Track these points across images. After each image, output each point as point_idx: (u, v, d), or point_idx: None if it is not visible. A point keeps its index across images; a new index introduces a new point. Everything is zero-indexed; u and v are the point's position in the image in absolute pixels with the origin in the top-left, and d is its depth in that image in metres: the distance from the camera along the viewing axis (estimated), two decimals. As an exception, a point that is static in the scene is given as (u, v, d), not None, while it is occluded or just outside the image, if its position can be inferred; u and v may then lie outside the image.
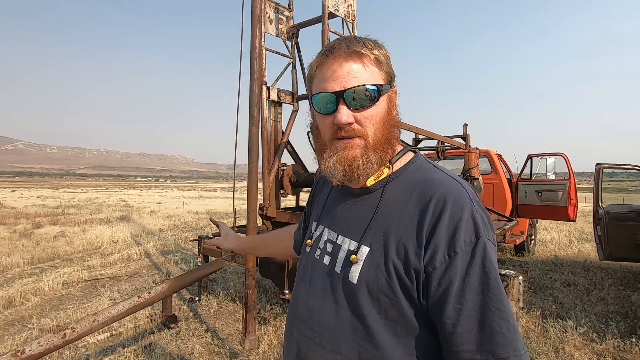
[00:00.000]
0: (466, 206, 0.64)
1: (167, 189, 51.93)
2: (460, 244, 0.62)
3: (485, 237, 0.63)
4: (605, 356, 3.04)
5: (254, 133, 2.78)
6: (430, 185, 0.68)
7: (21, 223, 10.60)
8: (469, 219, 0.63)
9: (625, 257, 4.77)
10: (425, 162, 0.76)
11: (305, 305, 0.78)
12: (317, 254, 0.81)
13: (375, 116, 0.70)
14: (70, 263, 6.24)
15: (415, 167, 0.75)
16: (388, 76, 0.72)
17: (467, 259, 0.62)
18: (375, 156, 0.71)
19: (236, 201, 3.69)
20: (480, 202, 0.68)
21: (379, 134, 0.70)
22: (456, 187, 0.67)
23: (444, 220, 0.63)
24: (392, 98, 0.73)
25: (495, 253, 0.65)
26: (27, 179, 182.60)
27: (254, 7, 2.74)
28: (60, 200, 21.42)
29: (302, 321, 0.77)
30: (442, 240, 0.62)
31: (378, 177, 0.74)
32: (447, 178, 0.70)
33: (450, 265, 0.62)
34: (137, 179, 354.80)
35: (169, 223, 11.22)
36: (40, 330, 3.56)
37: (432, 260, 0.63)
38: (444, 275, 0.62)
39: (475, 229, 0.63)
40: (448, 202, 0.64)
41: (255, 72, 2.76)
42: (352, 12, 3.84)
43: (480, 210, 0.66)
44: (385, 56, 0.71)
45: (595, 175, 5.10)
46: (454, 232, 0.62)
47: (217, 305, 4.18)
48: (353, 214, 0.77)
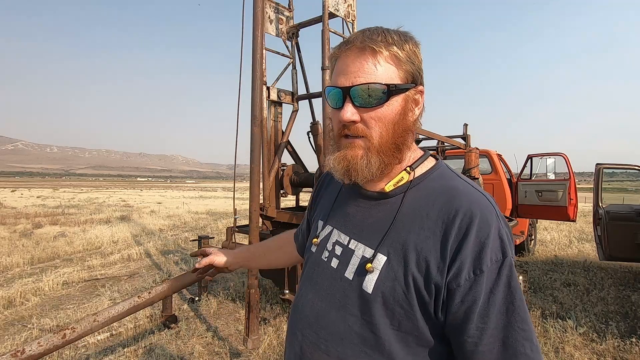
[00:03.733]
0: (493, 223, 0.62)
1: (167, 189, 51.95)
2: (486, 263, 0.60)
3: (511, 256, 0.62)
4: (605, 356, 3.04)
5: (256, 133, 2.77)
6: (455, 196, 0.65)
7: (21, 223, 10.60)
8: (496, 237, 0.61)
9: (625, 257, 4.77)
10: (447, 170, 0.73)
11: (311, 308, 0.75)
12: (324, 255, 0.77)
13: (384, 117, 0.65)
14: (70, 263, 6.24)
15: (438, 175, 0.71)
16: (409, 75, 0.66)
17: (493, 278, 0.60)
18: (378, 160, 0.67)
19: (236, 201, 3.68)
20: (503, 215, 0.66)
21: (385, 137, 0.66)
22: (483, 201, 0.65)
23: (471, 236, 0.61)
24: (411, 99, 0.68)
25: (515, 271, 0.64)
26: (27, 179, 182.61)
27: (255, 7, 2.74)
28: (60, 200, 21.42)
29: (307, 325, 0.74)
30: (468, 257, 0.60)
31: (397, 182, 0.70)
32: (471, 190, 0.67)
33: (476, 283, 0.60)
34: (137, 179, 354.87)
35: (169, 223, 11.22)
36: (40, 330, 3.56)
37: (456, 277, 0.60)
38: (469, 294, 0.60)
39: (502, 247, 0.61)
40: (475, 218, 0.62)
41: (257, 73, 2.76)
42: (352, 12, 3.84)
43: (505, 226, 0.64)
44: (408, 52, 0.65)
45: (595, 175, 5.10)
46: (481, 249, 0.60)
47: (217, 305, 4.18)
48: (368, 219, 0.73)
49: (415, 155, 0.74)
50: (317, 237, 0.82)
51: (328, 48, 3.43)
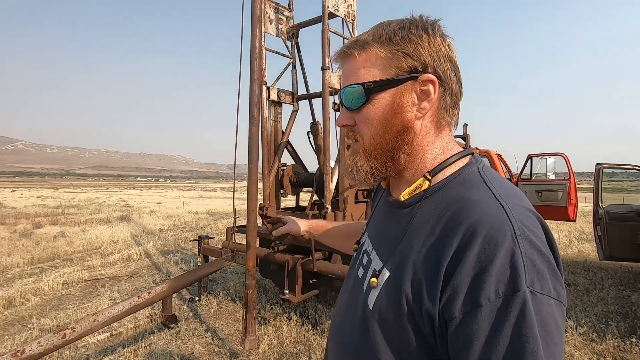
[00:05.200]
0: (504, 244, 0.48)
1: (167, 189, 51.99)
2: (487, 294, 0.47)
3: (531, 290, 0.46)
4: (605, 356, 3.04)
5: (254, 133, 2.78)
6: (464, 208, 0.54)
7: (21, 223, 10.60)
8: (504, 262, 0.47)
9: (625, 257, 4.77)
10: (473, 175, 0.59)
11: (337, 313, 0.74)
12: (356, 263, 0.75)
13: (370, 118, 0.62)
14: (70, 263, 6.24)
15: (460, 181, 0.59)
16: (401, 69, 0.60)
17: (494, 318, 0.46)
18: (367, 164, 0.63)
19: (236, 201, 3.69)
20: (539, 239, 0.50)
21: (375, 137, 0.62)
22: (496, 214, 0.51)
23: (469, 258, 0.49)
24: (410, 93, 0.60)
25: (552, 313, 0.47)
26: (27, 179, 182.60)
27: (254, 7, 2.74)
28: (60, 200, 21.42)
29: (334, 330, 0.73)
30: (462, 284, 0.48)
31: (414, 190, 0.62)
32: (488, 200, 0.53)
33: (471, 319, 0.47)
34: (137, 179, 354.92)
35: (169, 223, 11.22)
36: (40, 330, 3.56)
37: (449, 307, 0.49)
38: (462, 330, 0.48)
39: (514, 276, 0.46)
40: (478, 235, 0.49)
41: (255, 72, 2.76)
42: (352, 12, 3.84)
43: (530, 250, 0.48)
44: (398, 45, 0.59)
45: (595, 175, 5.10)
46: (480, 276, 0.47)
47: (217, 305, 4.18)
48: (386, 229, 0.68)
49: (443, 156, 0.62)
50: (358, 243, 0.81)
51: (328, 48, 3.43)
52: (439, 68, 0.59)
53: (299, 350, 3.16)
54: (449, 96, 0.60)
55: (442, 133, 0.63)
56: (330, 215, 3.32)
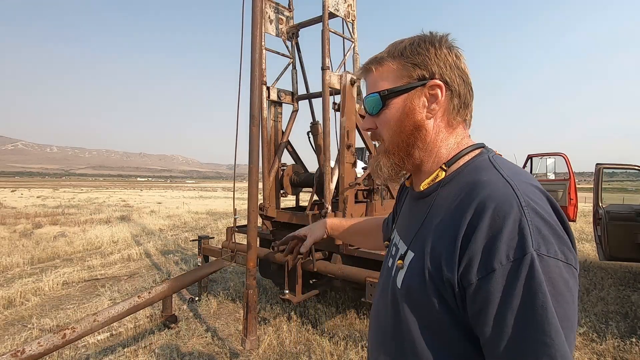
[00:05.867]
0: (511, 214, 0.54)
1: (167, 189, 52.00)
2: (499, 259, 0.53)
3: (538, 252, 0.52)
4: (605, 356, 3.04)
5: (255, 133, 2.78)
6: (475, 189, 0.61)
7: (21, 223, 10.60)
8: (512, 230, 0.53)
9: (625, 257, 4.77)
10: (484, 162, 0.67)
11: (375, 305, 0.82)
12: (387, 257, 0.84)
13: (388, 120, 0.72)
14: (70, 263, 6.24)
15: (472, 168, 0.67)
16: (412, 77, 0.70)
17: (506, 279, 0.52)
18: (388, 161, 0.73)
19: (236, 201, 3.68)
20: (544, 210, 0.56)
21: (392, 137, 0.72)
22: (504, 190, 0.58)
23: (482, 229, 0.55)
24: (419, 97, 0.70)
25: (560, 273, 0.52)
26: (27, 179, 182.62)
27: (254, 7, 2.74)
28: (60, 200, 21.42)
29: (373, 321, 0.81)
30: (477, 252, 0.55)
31: (432, 180, 0.71)
32: (497, 179, 0.61)
33: (486, 282, 0.54)
34: (137, 179, 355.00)
35: (169, 223, 11.22)
36: (40, 330, 3.56)
37: (466, 274, 0.56)
38: (479, 293, 0.55)
39: (522, 241, 0.52)
40: (488, 209, 0.56)
41: (256, 73, 2.76)
42: (352, 12, 3.84)
43: (535, 218, 0.54)
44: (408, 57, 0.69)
45: (595, 175, 5.10)
46: (492, 244, 0.54)
47: (217, 305, 4.18)
48: (410, 218, 0.77)
49: (457, 150, 0.71)
50: (389, 239, 0.88)
51: (328, 48, 3.43)
52: (445, 75, 0.68)
53: (299, 350, 3.16)
54: (456, 98, 0.69)
55: (455, 130, 0.72)
56: (330, 215, 3.32)
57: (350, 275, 3.19)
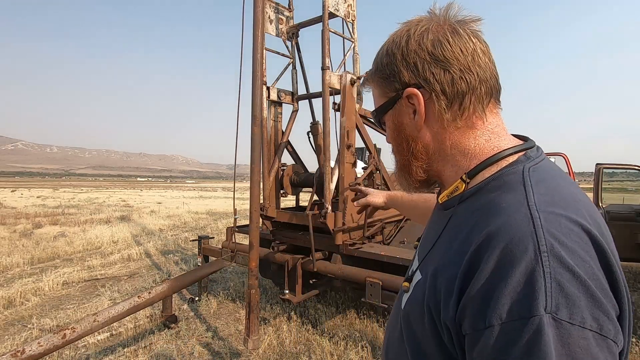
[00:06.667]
0: (521, 260, 0.42)
1: (167, 189, 51.99)
2: (498, 314, 0.42)
3: (554, 316, 0.39)
4: (605, 356, 3.04)
5: (256, 133, 2.77)
6: (489, 215, 0.49)
7: (21, 223, 10.60)
8: (519, 281, 0.42)
9: (625, 257, 4.77)
10: (516, 176, 0.53)
11: (391, 314, 0.77)
12: (412, 260, 0.77)
13: (388, 138, 0.68)
14: (70, 263, 6.24)
15: (498, 184, 0.53)
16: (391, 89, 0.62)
17: (505, 341, 0.41)
18: (401, 177, 0.69)
19: (236, 201, 3.68)
20: (579, 259, 0.42)
21: (396, 155, 0.68)
22: (520, 224, 0.45)
23: (483, 272, 0.44)
24: (405, 109, 0.61)
25: (587, 348, 0.39)
26: (27, 179, 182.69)
27: (256, 7, 2.74)
28: (60, 200, 21.42)
29: (388, 329, 0.75)
30: (475, 299, 0.45)
31: (451, 193, 0.60)
32: (517, 207, 0.47)
33: (482, 338, 0.43)
34: (137, 179, 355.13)
35: (169, 223, 11.22)
36: (40, 330, 3.56)
37: (463, 321, 0.46)
38: (474, 347, 0.44)
39: (529, 298, 0.40)
40: (495, 247, 0.45)
41: (258, 73, 2.76)
42: (352, 12, 3.84)
43: (558, 270, 0.41)
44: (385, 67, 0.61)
45: (595, 175, 5.10)
46: (492, 293, 0.43)
47: (217, 305, 4.18)
48: (428, 231, 0.69)
49: (481, 157, 0.58)
50: (419, 240, 0.81)
51: (328, 48, 3.43)
52: (419, 77, 0.58)
53: (299, 350, 3.16)
54: (442, 97, 0.57)
55: (469, 131, 0.59)
56: (330, 215, 3.32)
57: (350, 275, 3.19)
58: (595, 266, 0.43)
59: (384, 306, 2.91)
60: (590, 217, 0.47)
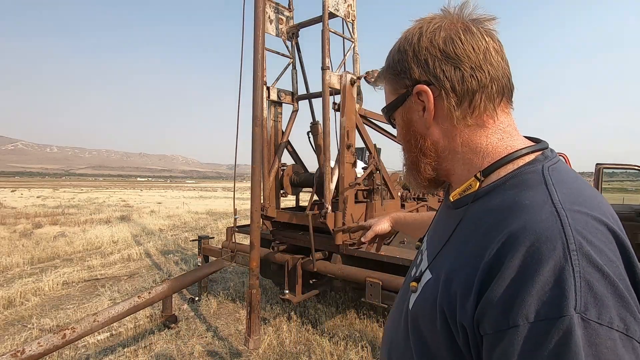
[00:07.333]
0: (550, 258, 0.41)
1: (167, 189, 51.98)
2: (525, 314, 0.40)
3: (583, 317, 0.38)
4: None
5: (257, 133, 2.77)
6: (511, 213, 0.48)
7: (21, 223, 10.60)
8: (548, 279, 0.40)
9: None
10: (535, 175, 0.52)
11: (390, 312, 0.76)
12: (415, 261, 0.75)
13: (398, 136, 0.68)
14: (70, 263, 6.24)
15: (517, 182, 0.52)
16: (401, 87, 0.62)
17: (531, 342, 0.39)
18: (410, 175, 0.68)
19: (236, 201, 3.69)
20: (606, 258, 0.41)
21: (405, 153, 0.67)
22: (547, 222, 0.43)
23: (507, 271, 0.43)
24: (414, 106, 0.61)
25: (614, 348, 0.38)
26: (27, 179, 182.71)
27: (256, 8, 2.74)
28: (60, 200, 21.42)
29: (387, 329, 0.75)
30: (498, 299, 0.43)
31: (464, 191, 0.60)
32: (541, 204, 0.46)
33: (505, 340, 0.41)
34: (137, 179, 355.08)
35: (169, 223, 11.22)
36: (40, 330, 3.56)
37: (482, 321, 0.44)
38: (496, 349, 0.42)
39: (559, 298, 0.39)
40: (520, 245, 0.43)
41: (259, 73, 2.76)
42: (352, 12, 3.84)
43: (587, 269, 0.40)
44: (395, 64, 0.62)
45: (595, 175, 5.10)
46: (518, 292, 0.41)
47: (217, 305, 4.18)
48: (438, 229, 0.69)
49: (496, 155, 0.57)
50: (421, 240, 0.78)
51: (328, 48, 3.43)
52: (429, 74, 0.57)
53: (299, 350, 3.16)
54: (451, 94, 0.56)
55: (480, 130, 0.58)
56: (330, 215, 3.32)
57: (350, 275, 3.19)
58: (621, 266, 0.42)
59: (384, 306, 2.91)
60: (612, 217, 0.48)
